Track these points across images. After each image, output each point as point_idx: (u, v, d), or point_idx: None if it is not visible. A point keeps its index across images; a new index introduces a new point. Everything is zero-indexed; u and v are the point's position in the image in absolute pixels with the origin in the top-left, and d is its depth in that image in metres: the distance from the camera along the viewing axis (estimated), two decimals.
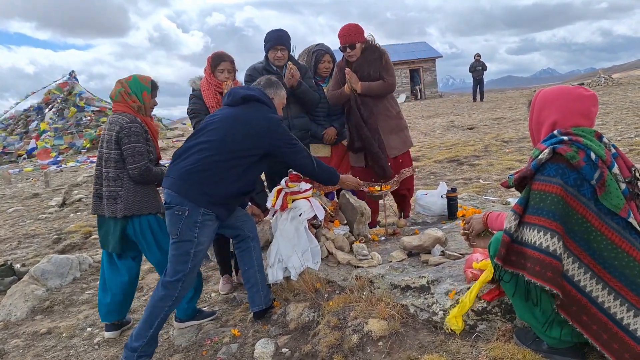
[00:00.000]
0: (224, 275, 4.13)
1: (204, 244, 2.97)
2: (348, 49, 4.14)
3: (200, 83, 3.92)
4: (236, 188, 3.03)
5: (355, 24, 4.20)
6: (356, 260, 3.39)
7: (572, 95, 2.14)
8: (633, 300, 1.92)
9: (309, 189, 3.71)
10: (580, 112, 2.11)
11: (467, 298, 2.48)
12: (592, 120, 2.13)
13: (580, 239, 1.95)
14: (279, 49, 4.10)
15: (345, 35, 4.13)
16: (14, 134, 20.36)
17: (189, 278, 2.96)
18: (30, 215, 8.22)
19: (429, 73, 35.75)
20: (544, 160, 2.00)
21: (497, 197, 5.41)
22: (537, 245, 1.94)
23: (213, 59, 3.87)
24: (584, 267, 1.94)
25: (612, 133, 8.95)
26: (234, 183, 3.00)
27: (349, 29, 4.14)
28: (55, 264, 4.79)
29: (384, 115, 4.21)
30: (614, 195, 1.94)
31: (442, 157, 8.76)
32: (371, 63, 4.15)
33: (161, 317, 2.93)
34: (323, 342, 2.71)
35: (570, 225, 1.94)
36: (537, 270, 1.93)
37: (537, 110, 2.20)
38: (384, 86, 4.15)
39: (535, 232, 1.95)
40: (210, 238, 3.03)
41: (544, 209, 1.95)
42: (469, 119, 14.77)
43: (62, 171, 14.26)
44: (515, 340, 2.35)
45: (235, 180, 2.99)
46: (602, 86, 19.43)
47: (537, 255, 1.94)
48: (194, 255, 2.93)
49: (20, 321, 4.12)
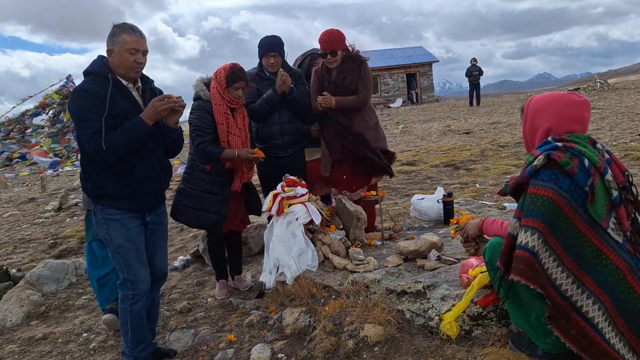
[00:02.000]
0: (219, 280, 4.12)
1: (118, 239, 2.82)
2: (329, 55, 4.01)
3: (211, 94, 3.67)
4: (102, 176, 2.78)
5: (337, 30, 4.08)
6: (352, 265, 3.40)
7: (565, 102, 2.15)
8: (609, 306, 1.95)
9: (306, 194, 3.72)
10: (574, 118, 2.13)
11: (460, 303, 2.49)
12: (585, 126, 2.15)
13: (567, 245, 1.97)
14: (272, 56, 4.12)
15: (327, 42, 4.00)
16: (9, 138, 20.31)
17: (132, 275, 2.87)
18: (26, 220, 8.19)
19: (425, 77, 35.87)
20: (539, 166, 2.01)
21: (493, 202, 5.42)
22: (524, 245, 1.96)
23: (232, 75, 3.61)
24: (567, 271, 1.96)
25: (607, 138, 8.99)
26: (99, 172, 2.79)
27: (330, 35, 4.01)
28: (51, 269, 4.78)
29: (362, 126, 4.12)
30: (599, 204, 1.97)
31: (438, 161, 8.78)
32: (348, 73, 4.05)
33: (130, 319, 2.91)
34: (319, 347, 2.71)
35: (560, 229, 1.96)
36: (521, 268, 1.95)
37: (531, 118, 2.22)
38: (357, 101, 4.05)
39: (523, 232, 1.98)
40: (126, 234, 2.82)
41: (534, 210, 1.97)
42: (465, 123, 14.81)
43: (58, 175, 14.22)
44: (510, 345, 2.36)
45: (95, 165, 2.81)
46: (598, 91, 19.53)
47: (522, 254, 1.97)
48: (117, 252, 2.85)
49: (15, 326, 4.10)
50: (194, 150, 3.71)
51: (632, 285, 1.97)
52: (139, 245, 2.90)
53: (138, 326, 2.94)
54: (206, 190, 3.71)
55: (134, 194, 2.83)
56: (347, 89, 4.04)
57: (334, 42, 4.01)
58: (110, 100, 2.65)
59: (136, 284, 2.88)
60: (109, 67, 2.74)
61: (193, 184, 3.74)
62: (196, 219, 3.81)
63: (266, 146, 4.24)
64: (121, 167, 2.76)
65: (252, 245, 4.69)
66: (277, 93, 4.03)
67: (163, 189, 3.04)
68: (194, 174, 3.76)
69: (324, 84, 4.12)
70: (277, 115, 4.17)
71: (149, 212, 2.97)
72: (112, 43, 2.71)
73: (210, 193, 3.71)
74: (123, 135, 2.65)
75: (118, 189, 2.79)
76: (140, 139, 2.71)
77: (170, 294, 4.38)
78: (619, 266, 1.96)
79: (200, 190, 3.71)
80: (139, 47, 2.72)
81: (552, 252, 1.96)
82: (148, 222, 2.98)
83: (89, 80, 2.73)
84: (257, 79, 4.21)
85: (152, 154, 2.87)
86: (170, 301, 4.23)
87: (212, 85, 3.67)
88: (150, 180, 2.87)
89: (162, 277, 3.18)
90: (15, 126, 21.11)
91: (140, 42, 2.73)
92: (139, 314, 2.93)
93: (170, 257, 5.29)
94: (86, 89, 2.69)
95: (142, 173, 2.81)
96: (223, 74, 3.63)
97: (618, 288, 1.96)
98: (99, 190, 2.81)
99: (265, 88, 4.17)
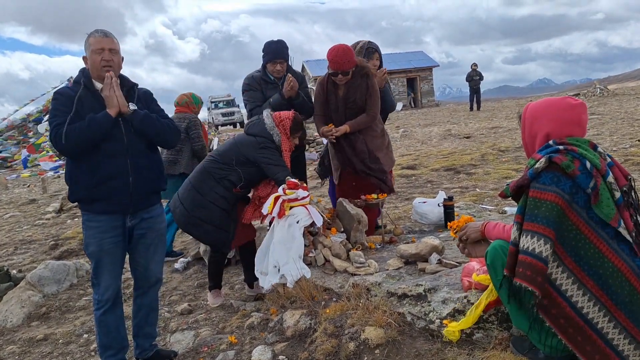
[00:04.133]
0: (212, 290, 4.04)
1: (92, 245, 2.83)
2: (340, 75, 3.95)
3: (281, 140, 3.74)
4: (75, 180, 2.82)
5: (347, 47, 4.00)
6: (353, 268, 3.40)
7: (562, 106, 2.17)
8: (612, 309, 1.96)
9: (307, 196, 3.73)
10: (572, 121, 2.14)
11: (471, 315, 2.49)
12: (583, 128, 2.17)
13: (568, 246, 1.98)
14: (278, 62, 4.16)
15: (339, 63, 3.91)
16: (11, 140, 20.33)
17: (98, 282, 2.87)
18: (27, 221, 8.20)
19: (426, 82, 35.95)
20: (540, 169, 2.03)
21: (494, 206, 5.43)
22: (530, 251, 1.97)
23: (295, 125, 3.77)
24: (567, 272, 1.98)
25: (607, 143, 9.01)
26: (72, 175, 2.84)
27: (343, 56, 3.90)
28: (52, 270, 4.78)
29: (370, 135, 4.17)
30: (605, 204, 1.98)
31: (438, 165, 8.79)
32: (357, 89, 4.04)
33: (96, 324, 2.94)
34: (320, 349, 2.71)
35: (562, 232, 1.97)
36: (528, 274, 1.96)
37: (529, 124, 2.24)
38: (368, 119, 4.10)
39: (529, 238, 1.99)
40: (99, 243, 2.82)
41: (538, 215, 1.98)
42: (465, 127, 14.84)
43: (59, 177, 14.23)
44: (511, 348, 2.36)
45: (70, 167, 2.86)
46: (598, 96, 19.57)
47: (529, 260, 1.97)
48: (90, 257, 2.88)
49: (16, 327, 4.10)
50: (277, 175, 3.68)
51: (636, 287, 1.97)
52: (112, 255, 2.86)
53: (103, 332, 2.93)
54: (225, 208, 3.67)
55: (103, 196, 2.79)
56: (357, 105, 4.07)
57: (346, 64, 3.92)
58: (78, 100, 2.73)
59: (100, 291, 2.88)
60: (87, 74, 2.84)
61: (214, 198, 3.64)
62: (210, 235, 3.71)
63: None
64: (88, 166, 2.76)
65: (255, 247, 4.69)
66: (284, 97, 4.06)
67: (140, 189, 2.88)
68: (218, 190, 3.66)
69: (330, 98, 4.13)
70: None
71: (131, 216, 2.89)
72: (85, 50, 2.82)
73: (226, 211, 3.68)
74: (82, 124, 2.68)
75: (88, 192, 2.79)
76: (99, 126, 2.69)
77: (171, 296, 4.39)
78: (620, 268, 1.97)
79: (220, 206, 3.65)
80: (104, 46, 2.77)
81: (557, 258, 1.98)
82: (133, 227, 2.91)
83: (67, 87, 2.87)
84: (262, 83, 4.25)
85: (120, 153, 2.79)
86: (171, 303, 4.23)
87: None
88: (118, 179, 2.79)
89: (156, 282, 3.14)
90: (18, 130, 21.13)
91: (104, 41, 2.77)
92: (105, 320, 2.91)
93: (171, 259, 5.30)
94: (60, 92, 2.84)
95: (106, 172, 2.77)
96: (287, 125, 3.75)
97: (622, 291, 1.96)
98: (73, 195, 2.86)
99: (270, 92, 4.19)
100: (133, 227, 2.92)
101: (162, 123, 2.93)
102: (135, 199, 2.87)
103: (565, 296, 1.98)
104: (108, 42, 2.78)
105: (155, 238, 3.04)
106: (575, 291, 1.97)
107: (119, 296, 2.97)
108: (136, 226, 2.92)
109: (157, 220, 3.04)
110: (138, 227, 2.93)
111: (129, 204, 2.85)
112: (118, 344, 2.98)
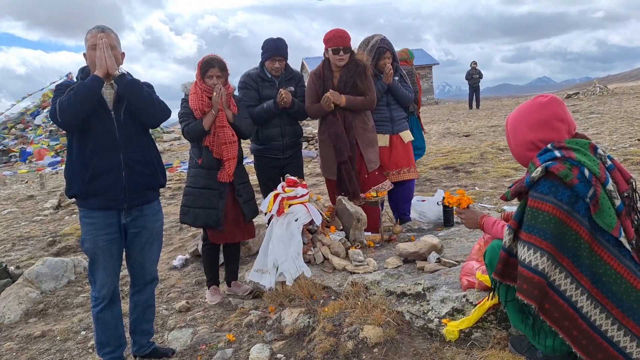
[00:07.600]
0: (211, 287, 4.04)
1: (87, 242, 2.84)
2: (342, 52, 4.02)
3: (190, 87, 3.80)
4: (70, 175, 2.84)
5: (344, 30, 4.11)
6: (352, 266, 3.40)
7: (533, 108, 2.15)
8: (619, 316, 1.96)
9: (306, 194, 3.72)
10: (548, 119, 2.10)
11: (472, 315, 2.49)
12: (567, 121, 2.12)
13: (573, 255, 1.96)
14: (277, 60, 4.13)
15: (341, 37, 3.99)
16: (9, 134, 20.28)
17: (94, 279, 2.88)
18: (25, 218, 8.18)
19: (425, 80, 35.90)
20: (537, 178, 2.01)
21: (493, 205, 5.43)
22: (527, 263, 1.98)
23: (202, 65, 3.69)
24: (576, 282, 1.97)
25: (606, 143, 9.00)
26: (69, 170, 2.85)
27: (344, 32, 4.02)
28: (50, 267, 4.77)
29: (362, 128, 4.16)
30: (607, 214, 1.95)
31: (438, 163, 8.78)
32: (353, 73, 4.06)
33: (94, 321, 2.95)
34: (318, 348, 2.71)
35: (564, 242, 1.95)
36: (524, 288, 1.98)
37: (512, 136, 2.23)
38: (366, 102, 4.09)
39: (526, 249, 1.99)
40: (94, 240, 2.82)
41: (536, 226, 1.97)
42: (465, 126, 14.83)
43: (57, 173, 14.20)
44: (510, 348, 2.36)
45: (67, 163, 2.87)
46: (598, 95, 19.57)
47: (526, 272, 1.98)
48: (86, 253, 2.89)
49: (13, 324, 4.09)
50: (184, 135, 3.83)
51: None
52: (107, 253, 2.85)
53: (101, 329, 2.93)
54: (203, 186, 3.69)
55: (97, 191, 2.78)
56: (358, 88, 4.06)
57: (347, 39, 4.04)
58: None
59: (97, 288, 2.89)
60: (87, 71, 2.85)
61: (191, 181, 3.77)
62: (200, 218, 3.72)
63: (265, 147, 4.25)
64: (82, 161, 2.76)
65: (252, 245, 4.68)
66: (278, 107, 4.06)
67: (134, 184, 2.84)
68: (190, 172, 3.81)
69: (327, 84, 4.11)
70: (278, 118, 4.19)
71: (126, 213, 2.87)
72: (85, 46, 2.84)
73: (207, 188, 3.69)
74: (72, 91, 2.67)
75: (83, 187, 2.79)
76: (89, 90, 2.66)
77: (169, 293, 4.38)
78: (624, 275, 1.96)
79: (199, 187, 3.71)
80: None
81: (563, 269, 1.96)
82: (127, 225, 2.89)
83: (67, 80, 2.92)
84: (259, 80, 4.21)
85: (113, 147, 2.78)
86: (169, 300, 4.23)
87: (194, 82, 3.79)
88: (111, 174, 2.77)
89: (151, 281, 3.15)
90: (15, 124, 21.09)
91: (98, 36, 2.76)
92: (102, 317, 2.91)
93: (170, 256, 5.29)
94: (61, 83, 2.90)
95: (99, 166, 2.75)
96: (198, 67, 3.72)
97: (628, 298, 1.95)
98: (70, 190, 2.86)
99: (266, 90, 4.17)
100: (128, 225, 2.90)
101: (149, 94, 2.86)
102: (130, 194, 2.84)
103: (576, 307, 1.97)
104: (105, 37, 2.76)
105: (151, 237, 3.02)
106: (585, 301, 1.97)
107: (116, 293, 2.97)
108: (131, 224, 2.91)
109: (152, 219, 3.00)
110: (132, 225, 2.91)
111: (122, 200, 2.83)
112: (116, 341, 2.98)
